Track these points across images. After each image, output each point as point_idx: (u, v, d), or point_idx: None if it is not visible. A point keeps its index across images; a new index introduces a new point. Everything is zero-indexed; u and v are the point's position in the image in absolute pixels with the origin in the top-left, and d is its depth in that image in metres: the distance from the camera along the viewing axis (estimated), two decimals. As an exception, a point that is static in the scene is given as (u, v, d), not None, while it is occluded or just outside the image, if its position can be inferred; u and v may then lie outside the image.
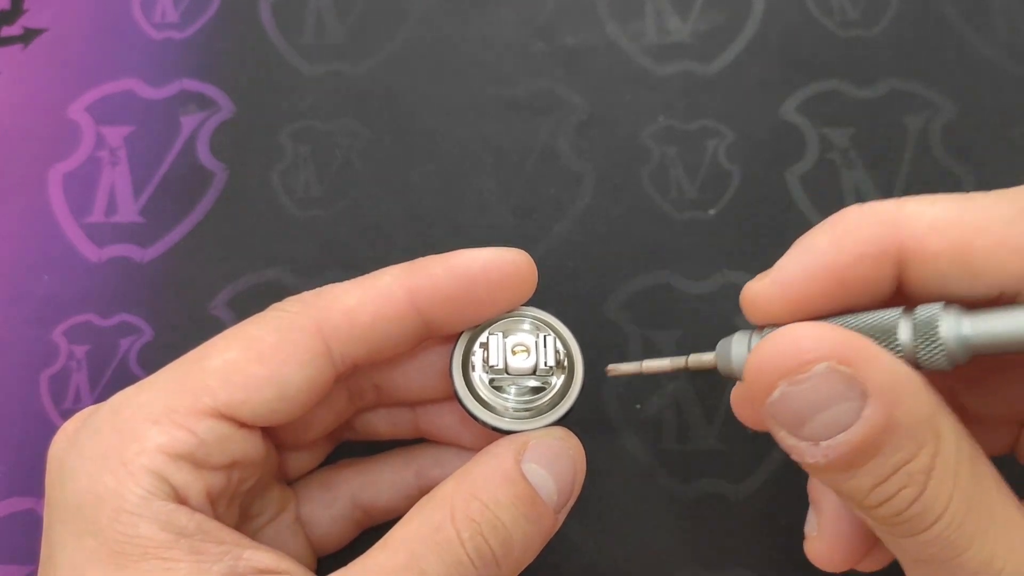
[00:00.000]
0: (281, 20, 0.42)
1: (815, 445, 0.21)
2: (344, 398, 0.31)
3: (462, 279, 0.27)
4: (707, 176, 0.39)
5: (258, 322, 0.27)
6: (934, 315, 0.22)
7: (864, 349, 0.21)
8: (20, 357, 0.37)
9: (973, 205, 0.23)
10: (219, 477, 0.26)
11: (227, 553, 0.25)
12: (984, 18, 0.40)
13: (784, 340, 0.22)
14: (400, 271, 0.28)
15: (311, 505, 0.32)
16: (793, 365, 0.21)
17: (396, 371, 0.31)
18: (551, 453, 0.27)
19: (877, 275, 0.23)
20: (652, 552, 0.34)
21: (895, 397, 0.21)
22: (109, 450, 0.25)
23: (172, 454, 0.25)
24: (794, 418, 0.21)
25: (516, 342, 0.28)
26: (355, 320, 0.27)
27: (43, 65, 0.42)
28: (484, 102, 0.40)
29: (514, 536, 0.26)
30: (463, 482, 0.26)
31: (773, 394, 0.21)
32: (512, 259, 0.28)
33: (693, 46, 0.41)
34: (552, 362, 0.28)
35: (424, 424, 0.32)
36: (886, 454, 0.21)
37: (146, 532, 0.24)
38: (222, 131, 0.40)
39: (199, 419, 0.26)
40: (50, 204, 0.40)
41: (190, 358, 0.27)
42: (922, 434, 0.21)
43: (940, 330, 0.22)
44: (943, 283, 0.23)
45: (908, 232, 0.23)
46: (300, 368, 0.27)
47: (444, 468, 0.32)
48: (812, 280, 0.23)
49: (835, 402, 0.21)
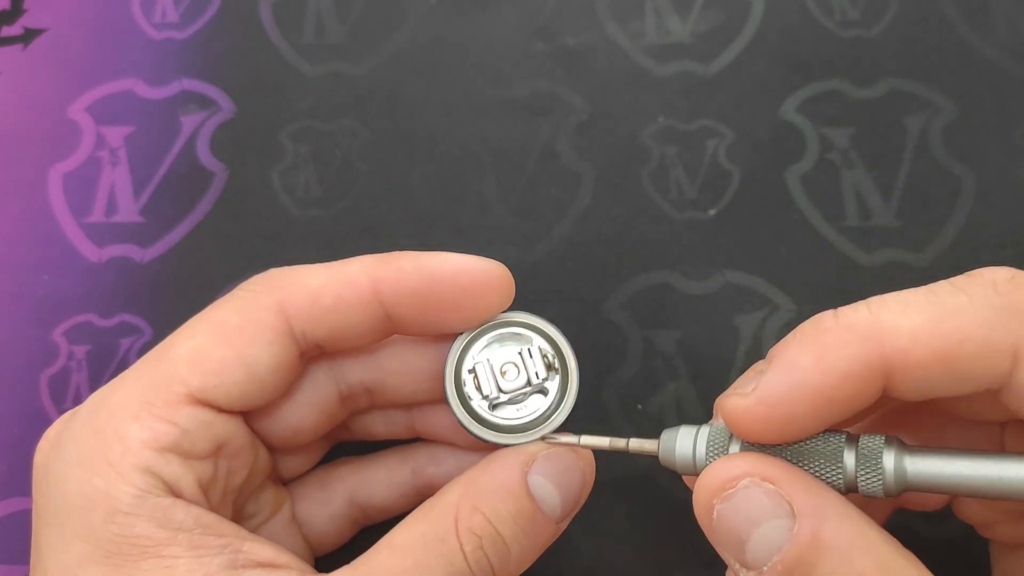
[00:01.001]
0: (281, 20, 0.42)
1: (760, 574, 0.22)
2: (336, 401, 0.31)
3: (428, 279, 0.27)
4: (707, 176, 0.39)
5: (223, 305, 0.28)
6: (877, 449, 0.24)
7: (787, 470, 0.23)
8: (20, 357, 0.37)
9: (950, 310, 0.23)
10: (207, 466, 0.26)
11: (226, 546, 0.25)
12: (984, 18, 0.40)
13: (715, 468, 0.24)
14: (371, 260, 0.28)
15: (307, 504, 0.32)
16: (721, 484, 0.23)
17: (386, 374, 0.30)
18: (560, 465, 0.27)
19: (863, 390, 0.24)
20: (652, 553, 0.34)
21: (822, 515, 0.22)
22: (94, 452, 0.25)
23: (158, 448, 0.25)
24: (734, 540, 0.23)
25: (502, 362, 0.28)
26: (317, 301, 0.27)
27: (43, 65, 0.42)
28: (484, 102, 0.40)
29: (512, 550, 0.26)
30: (468, 491, 0.26)
31: (713, 517, 0.23)
32: (485, 268, 0.27)
33: (693, 46, 0.41)
34: (542, 370, 0.28)
35: (420, 424, 0.32)
36: (820, 574, 0.22)
37: (143, 531, 0.24)
38: (222, 131, 0.40)
39: (177, 409, 0.26)
40: (50, 204, 0.40)
41: (158, 349, 0.27)
42: (853, 555, 0.22)
43: (883, 464, 0.24)
44: (930, 388, 0.24)
45: (891, 347, 0.23)
46: (265, 347, 0.27)
47: (440, 466, 0.32)
48: (798, 401, 0.24)
49: (765, 519, 0.22)
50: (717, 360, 0.36)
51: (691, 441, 0.26)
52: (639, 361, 0.36)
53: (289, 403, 0.29)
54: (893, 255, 0.37)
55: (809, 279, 0.37)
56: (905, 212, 0.38)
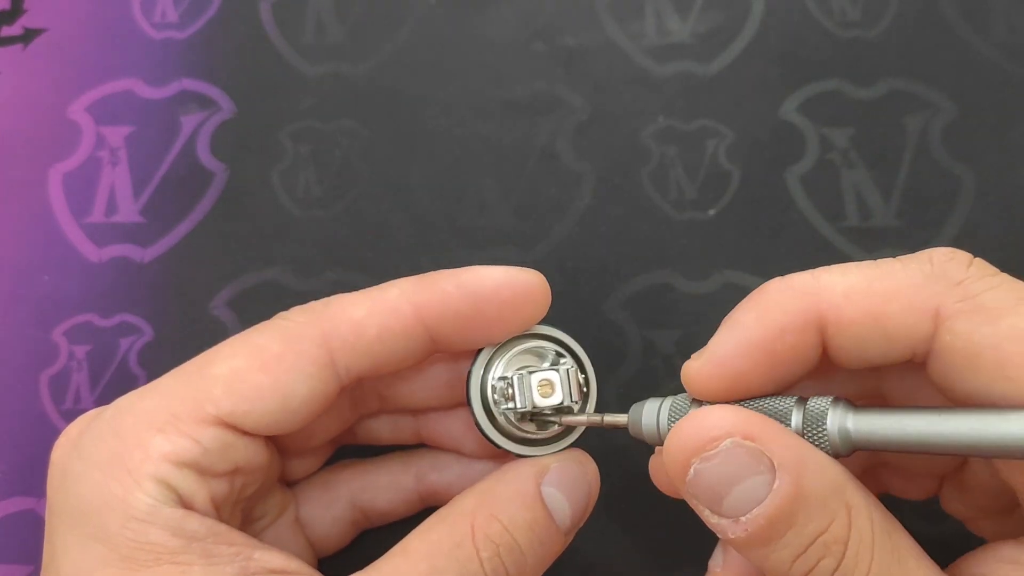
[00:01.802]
0: (281, 20, 0.42)
1: (736, 522, 0.23)
2: (348, 405, 0.31)
3: (472, 297, 0.27)
4: (707, 176, 0.39)
5: (264, 331, 0.27)
6: (823, 409, 0.24)
7: (767, 426, 0.23)
8: (20, 357, 0.37)
9: (883, 272, 0.25)
10: (223, 484, 0.26)
11: (238, 554, 0.25)
12: (984, 18, 0.41)
13: (692, 423, 0.24)
14: (409, 285, 0.27)
15: (310, 506, 0.32)
16: (701, 443, 0.23)
17: (401, 381, 0.30)
18: (571, 478, 0.28)
19: (801, 345, 0.25)
20: (653, 552, 0.34)
21: (801, 469, 0.23)
22: (114, 457, 0.25)
23: (177, 462, 0.25)
24: (712, 494, 0.23)
25: (541, 379, 0.28)
26: (361, 333, 0.27)
27: (43, 65, 0.42)
28: (484, 102, 0.40)
29: (528, 558, 0.27)
30: (484, 500, 0.27)
31: (689, 473, 0.23)
32: (525, 280, 0.27)
33: (693, 46, 0.41)
34: (577, 397, 0.28)
35: (425, 431, 0.32)
36: (800, 525, 0.22)
37: (157, 539, 0.24)
38: (222, 131, 0.40)
39: (203, 427, 0.26)
40: (50, 204, 0.40)
41: (195, 364, 0.27)
42: (832, 504, 0.23)
43: (827, 424, 0.24)
44: (862, 350, 0.25)
45: (825, 302, 0.24)
46: (305, 379, 0.26)
47: (443, 473, 0.32)
48: (743, 356, 0.25)
49: (746, 476, 0.23)
50: (717, 360, 0.36)
51: (655, 411, 0.27)
52: (639, 361, 0.36)
53: None
54: (893, 255, 0.37)
55: (809, 279, 0.37)
56: (905, 212, 0.38)
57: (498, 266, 0.27)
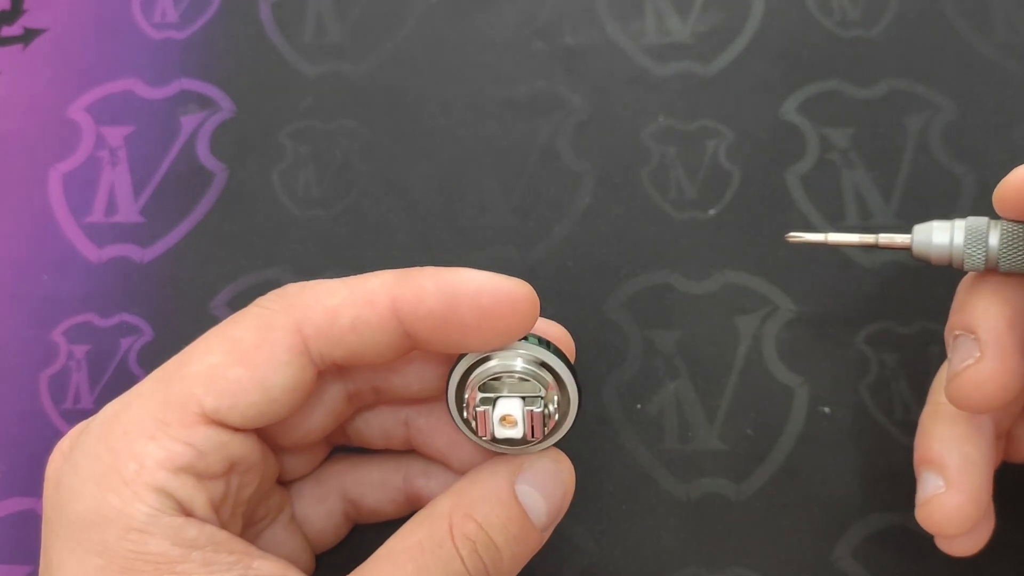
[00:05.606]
0: (281, 20, 0.42)
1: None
2: (343, 400, 0.31)
3: (449, 298, 0.26)
4: (707, 176, 0.39)
5: (239, 321, 0.27)
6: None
7: None
8: (20, 357, 0.37)
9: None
10: (219, 485, 0.26)
11: (238, 563, 0.25)
12: (984, 18, 0.41)
13: None
14: (390, 277, 0.27)
15: (305, 501, 0.32)
16: None
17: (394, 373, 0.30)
18: (546, 476, 0.28)
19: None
20: (653, 552, 0.34)
21: None
22: (108, 469, 0.25)
23: (172, 468, 0.25)
24: None
25: (503, 414, 0.27)
26: (334, 321, 0.26)
27: (43, 65, 0.42)
28: (484, 102, 0.40)
29: (504, 555, 0.27)
30: (461, 500, 0.27)
31: None
32: (508, 289, 0.26)
33: (693, 46, 0.41)
34: (539, 433, 0.27)
35: (415, 441, 0.32)
36: None
37: (157, 548, 0.24)
38: (222, 131, 0.40)
39: (193, 429, 0.25)
40: (50, 204, 0.40)
41: (173, 363, 0.27)
42: None
43: None
44: None
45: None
46: (282, 368, 0.26)
47: (430, 480, 0.32)
48: None
49: None
50: (717, 360, 0.36)
51: (948, 234, 0.28)
52: (639, 361, 0.36)
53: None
54: (893, 255, 0.37)
55: (809, 279, 0.37)
56: (905, 212, 0.38)
57: (485, 272, 0.26)
